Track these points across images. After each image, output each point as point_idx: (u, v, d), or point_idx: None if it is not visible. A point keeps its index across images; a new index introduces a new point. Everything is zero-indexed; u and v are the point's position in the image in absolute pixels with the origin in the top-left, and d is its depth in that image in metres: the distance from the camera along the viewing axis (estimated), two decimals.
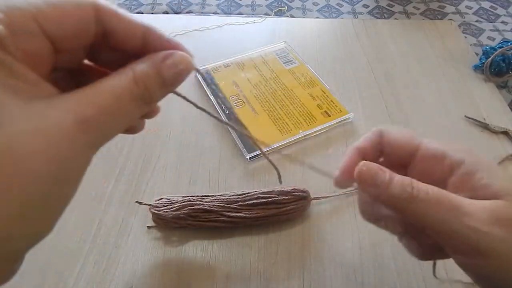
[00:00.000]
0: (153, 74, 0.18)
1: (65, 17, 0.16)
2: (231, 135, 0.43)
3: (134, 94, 0.17)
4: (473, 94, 0.50)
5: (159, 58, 0.18)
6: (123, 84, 0.17)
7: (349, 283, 0.32)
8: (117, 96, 0.16)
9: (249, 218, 0.34)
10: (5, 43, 0.14)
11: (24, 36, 0.15)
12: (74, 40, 0.17)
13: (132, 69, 0.17)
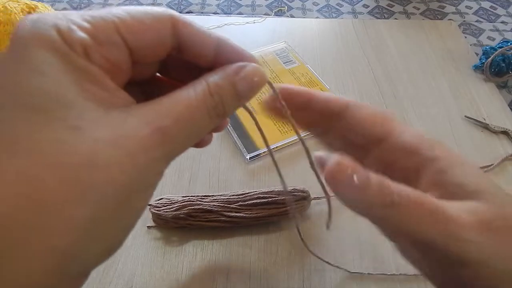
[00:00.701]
0: (227, 86, 0.17)
1: (146, 29, 0.16)
2: (231, 135, 0.43)
3: (208, 106, 0.17)
4: (473, 94, 0.50)
5: (232, 70, 0.18)
6: (198, 96, 0.16)
7: (349, 284, 0.32)
8: (193, 108, 0.16)
9: (249, 218, 0.34)
10: (90, 52, 0.15)
11: (107, 46, 0.15)
12: (152, 52, 0.17)
13: (206, 80, 0.17)
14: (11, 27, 0.43)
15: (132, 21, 0.16)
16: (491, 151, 0.43)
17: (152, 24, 0.16)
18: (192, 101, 0.16)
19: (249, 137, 0.42)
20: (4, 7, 0.44)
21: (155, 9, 0.17)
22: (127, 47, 0.16)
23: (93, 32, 0.15)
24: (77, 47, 0.14)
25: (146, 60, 0.17)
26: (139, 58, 0.17)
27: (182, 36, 0.17)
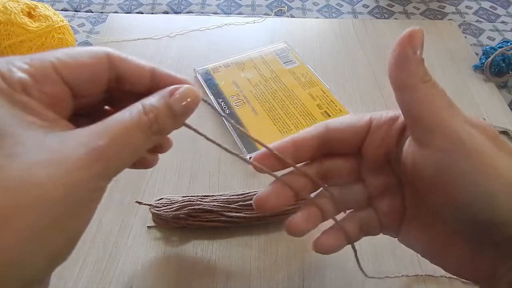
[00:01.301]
0: (162, 106, 0.19)
1: (81, 66, 0.18)
2: (231, 135, 0.43)
3: (143, 124, 0.18)
4: (473, 94, 0.50)
5: (167, 92, 0.19)
6: (133, 116, 0.18)
7: (349, 283, 0.32)
8: (127, 127, 0.17)
9: (249, 218, 0.34)
10: (28, 89, 0.17)
11: (45, 83, 0.17)
12: (90, 85, 0.19)
13: (142, 103, 0.19)
14: (11, 27, 0.44)
15: (69, 59, 0.18)
16: None
17: (87, 62, 0.19)
18: (126, 121, 0.18)
19: (249, 137, 0.42)
20: (4, 7, 0.44)
21: (92, 48, 0.19)
22: (65, 82, 0.18)
23: (31, 71, 0.17)
24: (16, 86, 0.16)
25: (87, 93, 0.19)
26: (79, 92, 0.19)
27: (119, 69, 0.20)
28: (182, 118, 0.21)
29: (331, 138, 0.24)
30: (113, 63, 0.19)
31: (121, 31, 0.57)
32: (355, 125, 0.23)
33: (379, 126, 0.23)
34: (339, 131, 0.24)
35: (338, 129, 0.24)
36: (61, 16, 0.49)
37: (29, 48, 0.45)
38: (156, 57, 0.53)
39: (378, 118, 0.23)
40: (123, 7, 0.64)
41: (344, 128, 0.24)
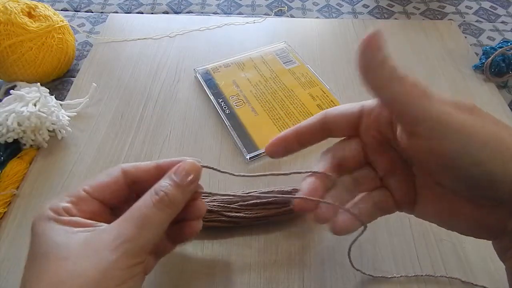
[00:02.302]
0: (168, 183, 0.24)
1: (104, 184, 0.25)
2: (231, 135, 0.43)
3: (156, 203, 0.23)
4: (473, 94, 0.50)
5: (171, 172, 0.25)
6: (147, 199, 0.23)
7: (349, 283, 0.32)
8: (144, 208, 0.23)
9: (249, 218, 0.34)
10: (69, 211, 0.23)
11: (81, 204, 0.24)
12: (115, 195, 0.25)
13: (153, 187, 0.24)
14: (11, 27, 0.44)
15: (95, 183, 0.25)
16: None
17: (108, 180, 0.25)
18: (142, 205, 0.23)
19: (249, 137, 0.42)
20: (4, 7, 0.44)
21: (111, 169, 0.26)
22: (96, 199, 0.25)
23: (70, 200, 0.24)
24: (61, 212, 0.23)
25: (116, 200, 0.26)
26: (109, 201, 0.25)
27: (131, 176, 0.26)
28: (189, 187, 0.25)
29: (329, 123, 0.27)
30: (126, 174, 0.26)
31: (121, 31, 0.57)
32: (349, 111, 0.26)
33: (371, 110, 0.26)
34: (336, 117, 0.27)
35: (334, 115, 0.27)
36: (61, 16, 0.49)
37: (29, 48, 0.45)
38: (156, 57, 0.53)
39: (369, 103, 0.26)
40: (123, 7, 0.64)
41: (340, 114, 0.27)
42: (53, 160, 0.41)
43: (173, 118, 0.46)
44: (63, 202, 0.24)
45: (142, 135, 0.43)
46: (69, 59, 0.50)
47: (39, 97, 0.41)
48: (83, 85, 0.49)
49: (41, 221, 0.23)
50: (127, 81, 0.50)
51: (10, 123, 0.38)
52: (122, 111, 0.46)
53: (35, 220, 0.23)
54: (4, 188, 0.37)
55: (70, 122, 0.43)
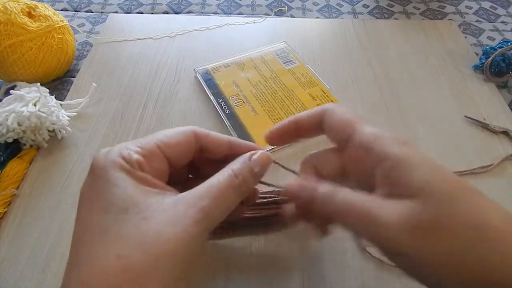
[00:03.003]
0: (246, 168, 0.24)
1: (177, 144, 0.24)
2: (231, 135, 0.43)
3: (234, 185, 0.23)
4: (473, 94, 0.50)
5: (247, 157, 0.25)
6: (226, 179, 0.23)
7: (349, 284, 0.32)
8: (222, 188, 0.22)
9: (249, 218, 0.34)
10: (143, 166, 0.22)
11: (153, 160, 0.23)
12: (183, 157, 0.25)
13: (231, 168, 0.23)
14: (11, 27, 0.44)
15: (168, 140, 0.24)
16: (491, 151, 0.43)
17: (181, 139, 0.24)
18: (221, 184, 0.22)
19: (249, 137, 0.42)
20: (4, 7, 0.44)
21: (183, 128, 0.25)
22: (166, 158, 0.23)
23: (143, 153, 0.22)
24: (134, 165, 0.21)
25: (180, 163, 0.25)
26: (175, 163, 0.24)
27: (203, 143, 0.25)
28: (260, 176, 0.25)
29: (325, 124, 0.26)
30: (199, 138, 0.25)
31: (121, 31, 0.57)
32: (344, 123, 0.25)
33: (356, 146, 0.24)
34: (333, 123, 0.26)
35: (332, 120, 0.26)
36: (61, 16, 0.49)
37: (29, 48, 0.45)
38: (156, 57, 0.53)
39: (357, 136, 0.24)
40: (123, 7, 0.64)
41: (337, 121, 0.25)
42: (53, 160, 0.41)
43: (173, 118, 0.46)
44: (136, 153, 0.22)
45: (142, 135, 0.43)
46: (69, 59, 0.50)
47: (39, 97, 0.41)
48: (83, 85, 0.49)
49: (111, 168, 0.21)
50: (127, 81, 0.50)
51: (10, 123, 0.38)
52: (122, 111, 0.46)
53: (101, 164, 0.21)
54: (4, 188, 0.37)
55: (70, 122, 0.43)
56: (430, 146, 0.43)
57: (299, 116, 0.27)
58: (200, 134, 0.25)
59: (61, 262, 0.33)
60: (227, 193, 0.22)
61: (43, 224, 0.36)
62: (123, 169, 0.21)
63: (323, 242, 0.35)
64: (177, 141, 0.24)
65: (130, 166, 0.21)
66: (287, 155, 0.42)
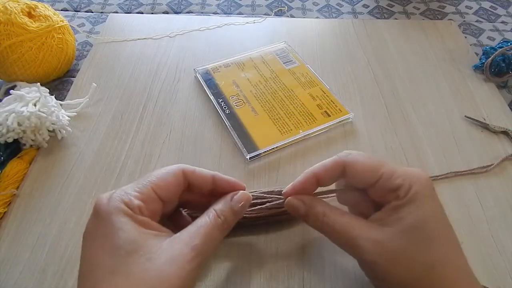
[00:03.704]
0: (227, 209, 0.27)
1: (169, 185, 0.26)
2: (231, 135, 0.43)
3: (218, 225, 0.26)
4: (473, 94, 0.50)
5: (228, 199, 0.28)
6: (211, 220, 0.26)
7: (349, 283, 0.32)
8: (210, 228, 0.25)
9: (249, 218, 0.34)
10: (142, 210, 0.24)
11: (150, 203, 0.25)
12: (174, 196, 0.27)
13: (214, 209, 0.27)
14: (11, 27, 0.44)
15: (161, 182, 0.26)
16: (491, 151, 0.43)
17: (172, 180, 0.27)
18: (208, 224, 0.25)
19: (249, 137, 0.42)
20: (4, 7, 0.44)
21: (173, 168, 0.27)
22: (160, 198, 0.26)
23: (142, 197, 0.25)
24: (135, 210, 0.24)
25: (172, 200, 0.27)
26: (167, 201, 0.27)
27: (190, 179, 0.28)
28: (240, 214, 0.28)
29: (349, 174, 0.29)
30: (186, 176, 0.27)
31: (121, 31, 0.57)
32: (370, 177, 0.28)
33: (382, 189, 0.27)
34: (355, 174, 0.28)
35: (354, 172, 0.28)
36: (61, 16, 0.49)
37: (29, 48, 0.45)
38: (156, 57, 0.53)
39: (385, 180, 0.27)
40: (123, 7, 0.64)
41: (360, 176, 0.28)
42: (53, 160, 0.41)
43: (173, 118, 0.46)
44: (135, 198, 0.24)
45: (142, 135, 0.43)
46: (69, 59, 0.50)
47: (39, 97, 0.41)
48: (83, 85, 0.49)
49: (116, 214, 0.23)
50: (127, 81, 0.50)
51: (10, 123, 0.38)
52: (122, 111, 0.46)
53: (108, 209, 0.24)
54: (4, 188, 0.37)
55: (70, 122, 0.43)
56: (430, 146, 0.43)
57: (317, 171, 0.29)
58: (188, 172, 0.28)
59: (61, 262, 0.33)
60: (214, 232, 0.25)
61: (43, 224, 0.36)
62: (126, 214, 0.23)
63: (323, 241, 0.35)
64: (169, 181, 0.26)
65: (132, 211, 0.24)
66: (289, 154, 0.42)
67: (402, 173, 0.27)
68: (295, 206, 0.29)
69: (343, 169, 0.29)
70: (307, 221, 0.29)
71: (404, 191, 0.26)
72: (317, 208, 0.28)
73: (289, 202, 0.29)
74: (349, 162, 0.28)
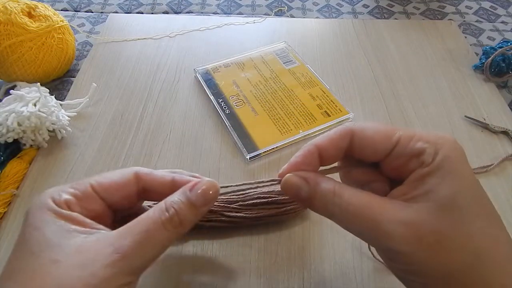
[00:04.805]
0: (183, 201, 0.22)
1: (113, 184, 0.23)
2: (231, 135, 0.43)
3: (163, 220, 0.21)
4: (473, 94, 0.50)
5: (187, 188, 0.22)
6: (154, 214, 0.21)
7: (349, 283, 0.32)
8: (148, 225, 0.20)
9: (249, 218, 0.34)
10: (71, 205, 0.22)
11: (85, 200, 0.22)
12: (122, 198, 0.24)
13: (164, 201, 0.22)
14: (11, 27, 0.44)
15: (103, 180, 0.23)
16: (491, 151, 0.43)
17: (118, 180, 0.23)
18: (148, 219, 0.21)
19: (249, 137, 0.42)
20: (4, 7, 0.44)
21: (123, 169, 0.24)
22: (101, 198, 0.23)
23: (75, 193, 0.22)
24: (62, 205, 0.21)
25: (122, 205, 0.24)
26: (115, 204, 0.23)
27: (145, 183, 0.24)
28: (203, 208, 0.22)
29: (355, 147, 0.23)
30: (139, 178, 0.24)
31: (121, 31, 0.57)
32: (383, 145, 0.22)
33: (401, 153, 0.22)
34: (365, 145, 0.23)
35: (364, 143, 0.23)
36: (61, 16, 0.49)
37: (29, 48, 0.45)
38: (156, 57, 0.53)
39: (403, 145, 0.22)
40: (123, 7, 0.64)
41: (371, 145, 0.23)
42: (53, 160, 0.41)
43: (173, 118, 0.46)
44: (66, 193, 0.22)
45: (142, 135, 0.43)
46: (69, 59, 0.50)
47: (39, 97, 0.41)
48: (83, 85, 0.49)
49: (38, 210, 0.21)
50: (127, 81, 0.50)
51: (10, 123, 0.38)
52: (122, 111, 0.46)
53: (32, 208, 0.21)
54: (4, 188, 0.37)
55: (70, 122, 0.43)
56: None
57: (321, 144, 0.23)
58: (141, 175, 0.24)
59: None
60: (154, 230, 0.20)
61: None
62: (50, 210, 0.21)
63: (323, 241, 0.35)
64: (113, 181, 0.23)
65: (57, 206, 0.21)
66: (289, 154, 0.42)
67: (425, 136, 0.21)
68: (295, 186, 0.22)
69: (350, 140, 0.23)
70: (312, 204, 0.22)
71: (429, 155, 0.20)
72: (325, 185, 0.21)
73: (288, 180, 0.23)
74: (358, 130, 0.23)
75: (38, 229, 0.20)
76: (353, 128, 0.23)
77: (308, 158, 0.23)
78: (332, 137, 0.23)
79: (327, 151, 0.23)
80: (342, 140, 0.23)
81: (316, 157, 0.23)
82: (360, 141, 0.23)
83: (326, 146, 0.23)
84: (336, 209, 0.21)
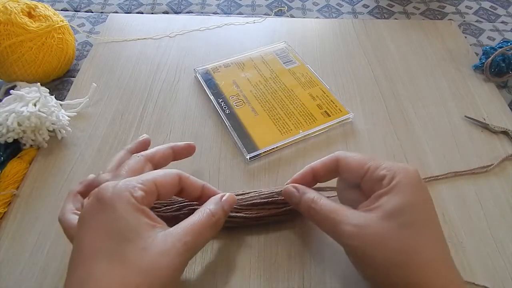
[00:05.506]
0: (219, 208, 0.29)
1: (167, 183, 0.28)
2: (231, 135, 0.43)
3: (210, 223, 0.28)
4: (473, 94, 0.50)
5: (218, 198, 0.30)
6: (205, 218, 0.28)
7: (349, 283, 0.32)
8: (203, 226, 0.27)
9: (249, 218, 0.34)
10: (144, 200, 0.26)
11: (150, 195, 0.27)
12: (169, 195, 0.29)
13: (208, 208, 0.29)
14: (11, 27, 0.44)
15: (162, 179, 0.28)
16: (491, 151, 0.43)
17: (170, 180, 0.29)
18: (202, 222, 0.27)
19: (249, 137, 0.42)
20: (4, 7, 0.44)
21: (171, 171, 0.29)
22: (158, 194, 0.28)
23: (144, 189, 0.26)
24: (138, 199, 0.25)
25: (164, 199, 0.29)
26: (161, 198, 0.29)
27: (184, 184, 0.30)
28: (228, 212, 0.30)
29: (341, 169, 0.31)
30: (181, 180, 0.30)
31: (121, 31, 0.57)
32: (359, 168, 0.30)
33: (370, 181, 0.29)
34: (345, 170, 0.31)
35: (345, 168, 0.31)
36: (61, 16, 0.49)
37: (29, 48, 0.45)
38: (156, 57, 0.53)
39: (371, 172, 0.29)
40: (123, 7, 0.64)
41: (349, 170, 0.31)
42: (53, 160, 0.41)
43: (173, 118, 0.46)
44: (140, 189, 0.26)
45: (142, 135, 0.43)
46: (69, 59, 0.50)
47: (39, 97, 0.41)
48: (83, 85, 0.49)
49: (119, 200, 0.25)
50: (127, 81, 0.50)
51: (10, 123, 0.38)
52: (122, 111, 0.46)
53: (112, 196, 0.25)
54: (4, 188, 0.37)
55: (70, 122, 0.43)
56: (430, 146, 0.43)
57: (315, 166, 0.32)
58: (182, 177, 0.30)
59: (61, 262, 0.33)
60: (206, 230, 0.27)
61: (43, 224, 0.36)
62: (129, 203, 0.25)
63: (323, 241, 0.35)
64: (168, 181, 0.28)
65: (135, 201, 0.25)
66: (289, 154, 0.42)
67: (388, 166, 0.28)
68: (290, 193, 0.32)
69: (337, 164, 0.31)
70: (299, 207, 0.31)
71: (387, 180, 0.27)
72: (308, 194, 0.31)
73: (286, 189, 0.32)
74: (342, 157, 0.31)
75: (126, 219, 0.24)
76: (339, 156, 0.31)
77: (305, 176, 0.32)
78: (324, 162, 0.32)
79: (319, 172, 0.32)
80: (331, 164, 0.31)
81: (311, 176, 0.32)
82: (343, 166, 0.31)
83: (319, 168, 0.32)
84: (312, 212, 0.29)
